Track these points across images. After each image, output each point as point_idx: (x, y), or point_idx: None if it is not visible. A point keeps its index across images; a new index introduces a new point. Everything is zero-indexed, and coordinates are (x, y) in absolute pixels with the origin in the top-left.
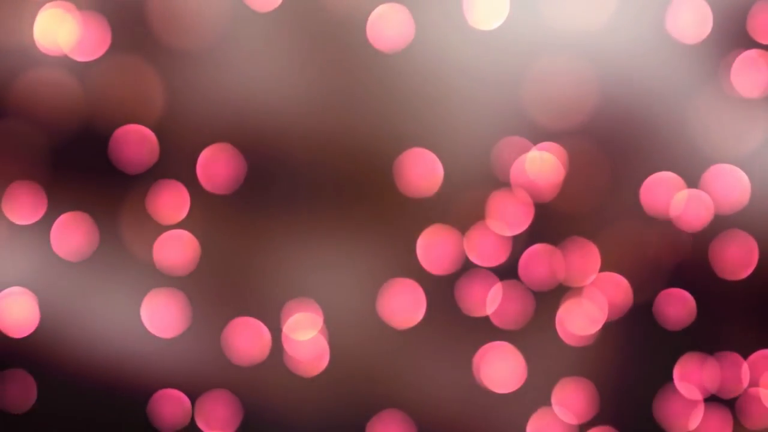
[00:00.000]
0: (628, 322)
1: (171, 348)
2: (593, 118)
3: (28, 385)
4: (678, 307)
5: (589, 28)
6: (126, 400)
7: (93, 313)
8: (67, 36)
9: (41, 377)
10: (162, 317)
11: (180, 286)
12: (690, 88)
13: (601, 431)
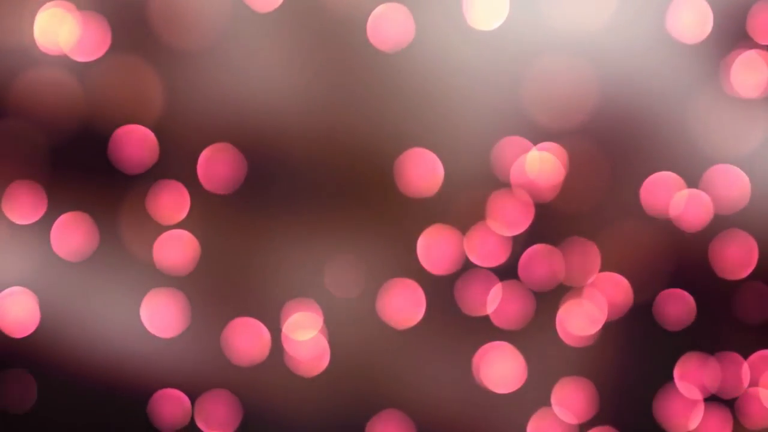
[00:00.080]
0: (628, 322)
1: (171, 348)
2: (593, 118)
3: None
4: (678, 307)
5: (589, 28)
6: (126, 400)
7: (93, 313)
8: (67, 36)
9: (41, 377)
10: (162, 317)
11: (180, 286)
12: (690, 88)
13: (601, 431)
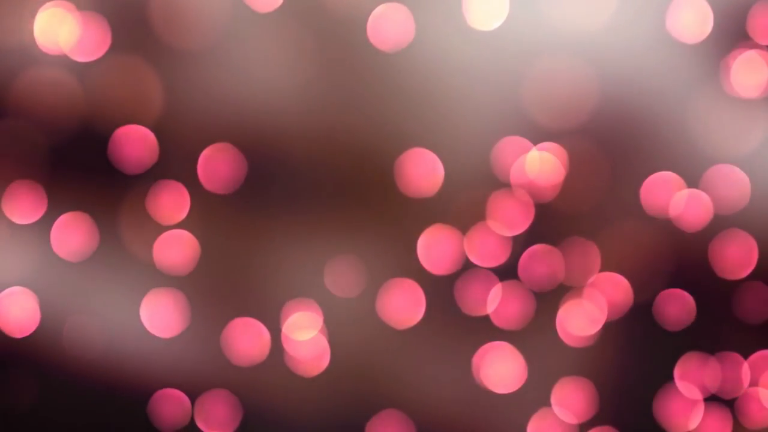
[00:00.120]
0: (628, 322)
1: (171, 348)
2: (593, 118)
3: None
4: (678, 307)
5: (589, 28)
6: (126, 400)
7: (93, 313)
8: (67, 36)
9: (41, 377)
10: (162, 317)
11: (180, 286)
12: (690, 88)
13: (601, 431)
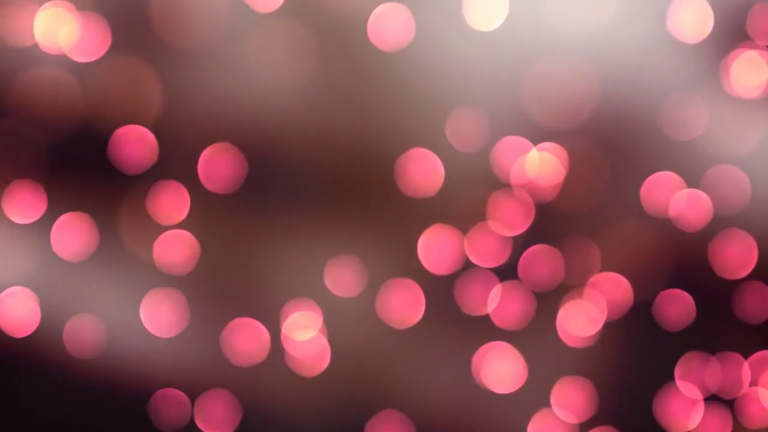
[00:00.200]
0: (628, 322)
1: (171, 348)
2: (593, 117)
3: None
4: (678, 307)
5: (589, 27)
6: (126, 399)
7: (93, 313)
8: (67, 36)
9: (42, 377)
10: (162, 317)
11: (180, 286)
12: (690, 87)
13: (602, 431)
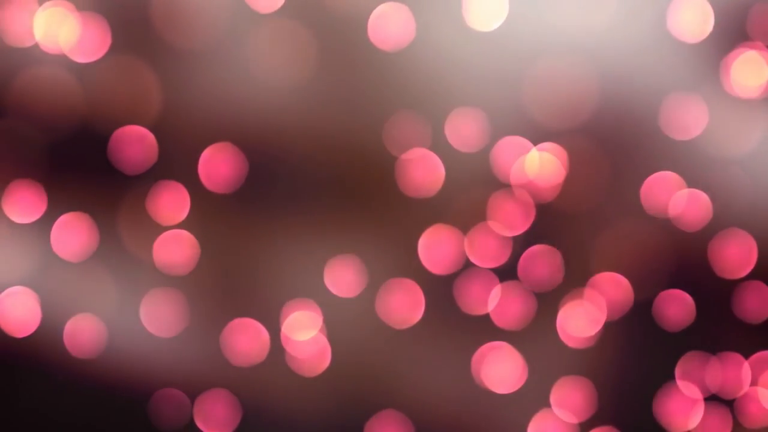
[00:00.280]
0: (628, 322)
1: (170, 348)
2: (593, 117)
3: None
4: (678, 307)
5: (590, 27)
6: (126, 399)
7: (93, 313)
8: (67, 36)
9: (42, 377)
10: (162, 317)
11: (180, 286)
12: (690, 87)
13: (602, 431)
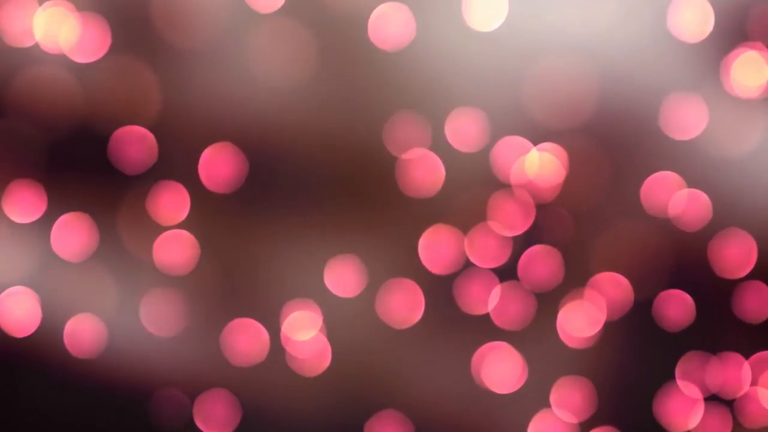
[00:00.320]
0: (628, 322)
1: (170, 348)
2: (593, 117)
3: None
4: (678, 307)
5: (590, 27)
6: (126, 399)
7: (93, 313)
8: (67, 36)
9: (42, 377)
10: (162, 317)
11: (180, 286)
12: (690, 87)
13: (602, 431)
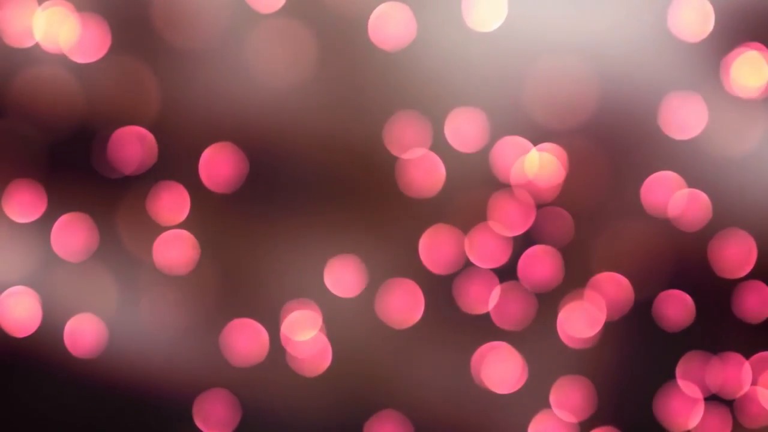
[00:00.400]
0: (628, 322)
1: (170, 348)
2: (593, 117)
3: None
4: (678, 308)
5: (590, 27)
6: (126, 399)
7: (93, 313)
8: (67, 36)
9: (42, 377)
10: (161, 317)
11: (179, 286)
12: (690, 87)
13: (602, 431)
